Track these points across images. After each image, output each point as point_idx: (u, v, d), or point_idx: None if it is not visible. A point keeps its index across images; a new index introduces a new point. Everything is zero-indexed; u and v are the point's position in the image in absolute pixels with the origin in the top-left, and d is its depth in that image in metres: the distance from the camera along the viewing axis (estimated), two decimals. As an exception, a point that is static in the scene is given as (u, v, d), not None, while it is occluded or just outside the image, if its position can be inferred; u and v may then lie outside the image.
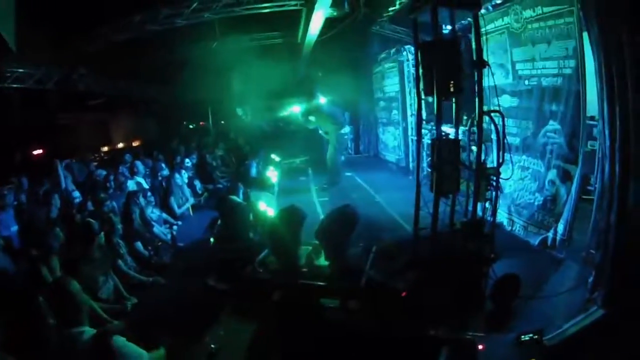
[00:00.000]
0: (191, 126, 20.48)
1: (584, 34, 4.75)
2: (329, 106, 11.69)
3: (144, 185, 9.06)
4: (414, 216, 5.05)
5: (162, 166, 10.24)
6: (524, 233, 6.35)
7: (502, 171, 4.75)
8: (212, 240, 6.24)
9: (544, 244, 5.81)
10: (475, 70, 4.56)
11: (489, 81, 4.78)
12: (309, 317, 4.05)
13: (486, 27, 6.14)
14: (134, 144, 17.08)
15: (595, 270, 4.28)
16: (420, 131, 5.26)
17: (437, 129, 4.53)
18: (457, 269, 4.30)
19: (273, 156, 12.97)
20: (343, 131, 11.62)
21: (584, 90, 5.12)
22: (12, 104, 11.84)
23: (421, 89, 4.69)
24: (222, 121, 19.29)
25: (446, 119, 4.68)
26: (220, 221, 6.31)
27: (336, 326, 4.02)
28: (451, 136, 4.75)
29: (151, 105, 16.72)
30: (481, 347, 3.47)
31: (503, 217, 6.73)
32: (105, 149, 16.27)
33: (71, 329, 2.99)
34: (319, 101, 11.62)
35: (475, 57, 4.61)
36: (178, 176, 9.39)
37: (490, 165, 4.82)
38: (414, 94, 10.37)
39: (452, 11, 4.65)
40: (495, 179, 4.67)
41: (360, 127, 16.22)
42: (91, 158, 12.16)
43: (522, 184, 6.43)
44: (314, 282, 4.56)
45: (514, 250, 5.80)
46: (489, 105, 5.12)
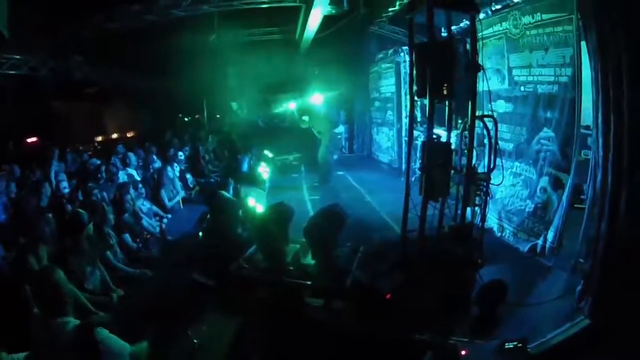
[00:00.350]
0: (186, 119, 20.37)
1: (582, 42, 4.74)
2: (323, 106, 11.66)
3: (136, 177, 9.01)
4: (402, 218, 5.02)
5: (154, 158, 10.18)
6: (514, 239, 6.32)
7: (493, 177, 4.73)
8: (201, 234, 6.20)
9: (534, 251, 5.78)
10: (470, 74, 4.53)
11: (483, 86, 4.77)
12: (293, 316, 4.03)
13: (484, 31, 6.12)
14: (128, 135, 16.97)
15: (583, 279, 4.26)
16: (412, 133, 5.21)
17: (428, 132, 4.48)
18: (443, 273, 4.28)
19: (266, 152, 12.94)
20: (336, 130, 11.58)
21: (579, 99, 5.09)
22: (6, 92, 11.73)
23: (414, 90, 4.64)
24: (217, 115, 19.20)
25: (441, 122, 4.65)
26: (209, 216, 6.27)
27: (320, 326, 4.01)
28: (443, 139, 4.72)
29: (146, 96, 16.58)
30: (464, 352, 3.44)
31: (493, 223, 6.72)
32: (100, 139, 16.15)
33: (55, 319, 2.95)
34: (312, 101, 11.60)
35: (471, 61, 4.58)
36: (170, 169, 9.32)
37: (482, 171, 4.79)
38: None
39: (449, 13, 4.62)
40: (485, 184, 4.64)
41: (355, 126, 16.09)
42: (83, 148, 12.06)
43: (514, 190, 6.41)
44: (299, 281, 4.54)
45: (502, 256, 5.79)
46: (484, 109, 5.10)
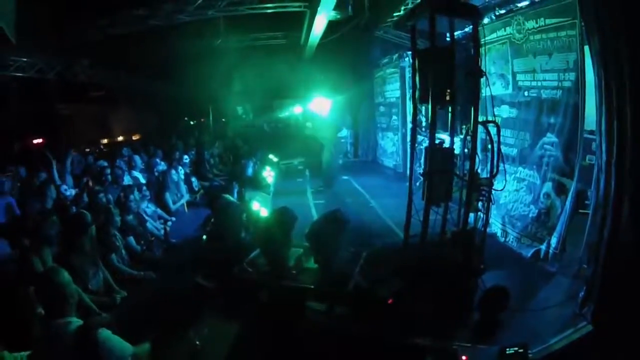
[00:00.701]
0: (192, 122, 20.47)
1: (586, 47, 4.73)
2: (327, 113, 11.70)
3: (141, 179, 9.04)
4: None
5: (158, 161, 10.22)
6: (517, 245, 6.32)
7: (496, 182, 4.72)
8: (204, 238, 6.22)
9: (537, 256, 5.78)
10: (473, 79, 4.53)
11: (487, 91, 4.77)
12: (294, 320, 4.05)
13: (488, 36, 6.14)
14: (134, 137, 17.05)
15: (586, 285, 4.24)
16: (415, 138, 5.19)
17: (431, 137, 4.47)
18: (445, 279, 4.27)
19: (271, 156, 12.97)
20: (340, 135, 11.59)
21: (582, 104, 5.10)
22: (12, 93, 11.82)
23: (417, 96, 4.64)
24: (222, 119, 19.27)
25: (445, 127, 4.65)
26: (213, 219, 6.29)
27: (321, 330, 4.02)
28: (447, 144, 4.73)
29: (152, 99, 16.69)
30: (465, 357, 3.45)
31: (497, 228, 6.71)
32: (105, 141, 16.24)
33: (58, 320, 2.97)
34: (316, 106, 11.63)
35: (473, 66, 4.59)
36: (174, 172, 9.35)
37: (485, 176, 4.78)
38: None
39: (451, 19, 4.63)
40: (487, 189, 4.63)
41: (359, 131, 16.09)
42: (89, 150, 12.13)
43: (517, 195, 6.41)
44: (301, 285, 4.55)
45: (505, 261, 5.80)
46: (488, 115, 5.09)
